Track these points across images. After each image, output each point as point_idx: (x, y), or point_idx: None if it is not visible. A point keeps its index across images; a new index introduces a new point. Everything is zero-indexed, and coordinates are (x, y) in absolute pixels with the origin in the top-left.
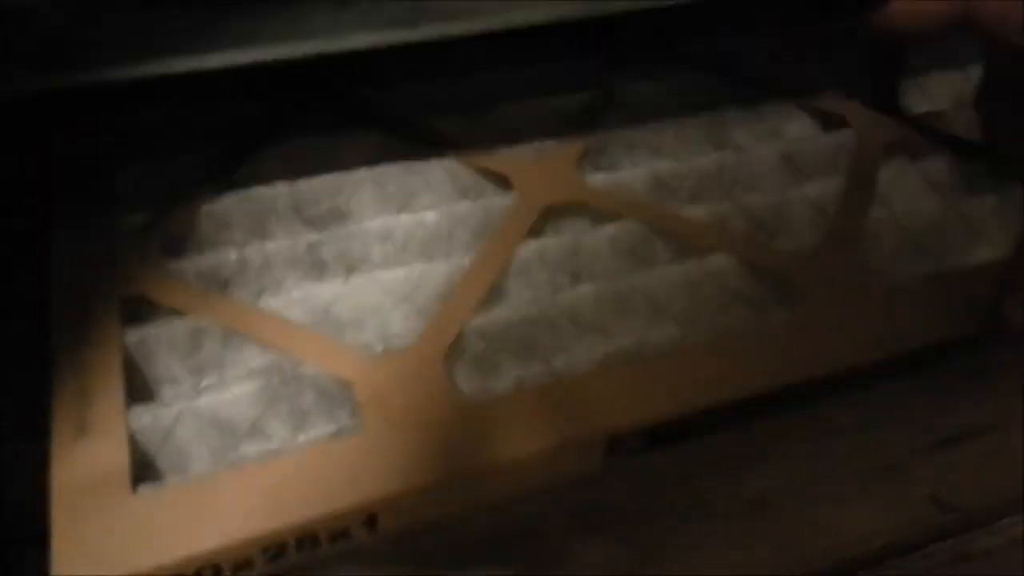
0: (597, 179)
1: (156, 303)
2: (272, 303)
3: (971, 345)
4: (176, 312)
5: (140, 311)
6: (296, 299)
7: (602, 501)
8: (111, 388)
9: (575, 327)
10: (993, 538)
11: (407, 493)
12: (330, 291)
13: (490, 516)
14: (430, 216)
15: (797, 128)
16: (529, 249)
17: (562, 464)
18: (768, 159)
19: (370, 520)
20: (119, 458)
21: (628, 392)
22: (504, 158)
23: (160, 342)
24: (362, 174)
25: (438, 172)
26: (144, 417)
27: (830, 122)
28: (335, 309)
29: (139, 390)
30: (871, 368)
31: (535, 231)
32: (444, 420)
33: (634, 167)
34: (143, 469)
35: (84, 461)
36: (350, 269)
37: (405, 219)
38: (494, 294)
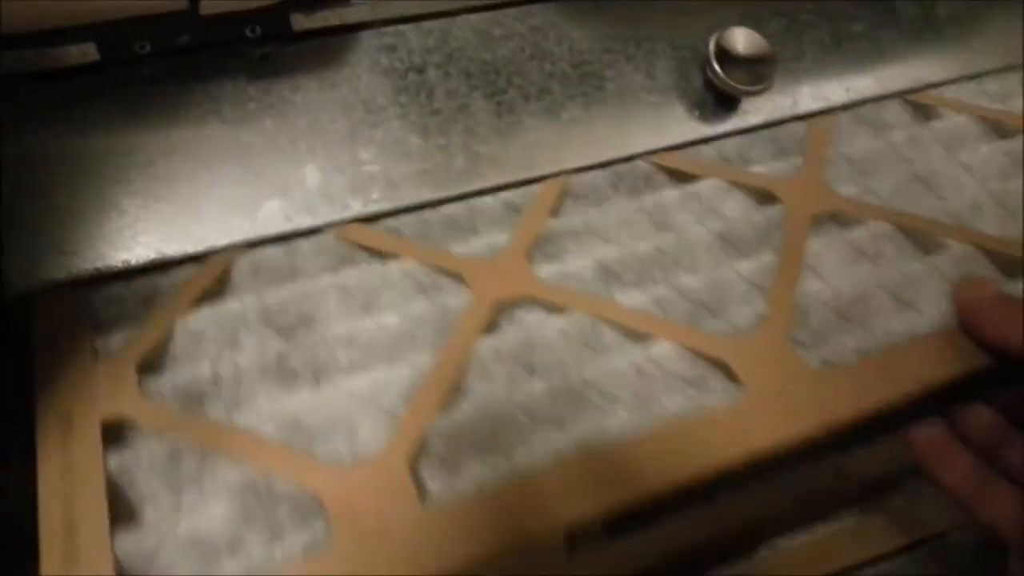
0: (547, 271)
1: (135, 425)
2: (246, 416)
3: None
4: (155, 432)
5: (121, 433)
6: (268, 412)
7: None
8: (96, 515)
9: (532, 421)
10: None
11: None
12: (300, 401)
13: None
14: (391, 319)
15: (732, 206)
16: (486, 346)
17: (527, 563)
18: (705, 239)
19: None
20: None
21: (584, 485)
22: (457, 255)
23: (140, 464)
24: (325, 280)
25: (396, 273)
26: (128, 542)
27: (764, 197)
28: (306, 420)
29: (123, 514)
30: (810, 444)
31: (491, 327)
32: (411, 529)
33: (581, 256)
34: None
35: None
36: (318, 377)
37: (368, 323)
38: (455, 393)
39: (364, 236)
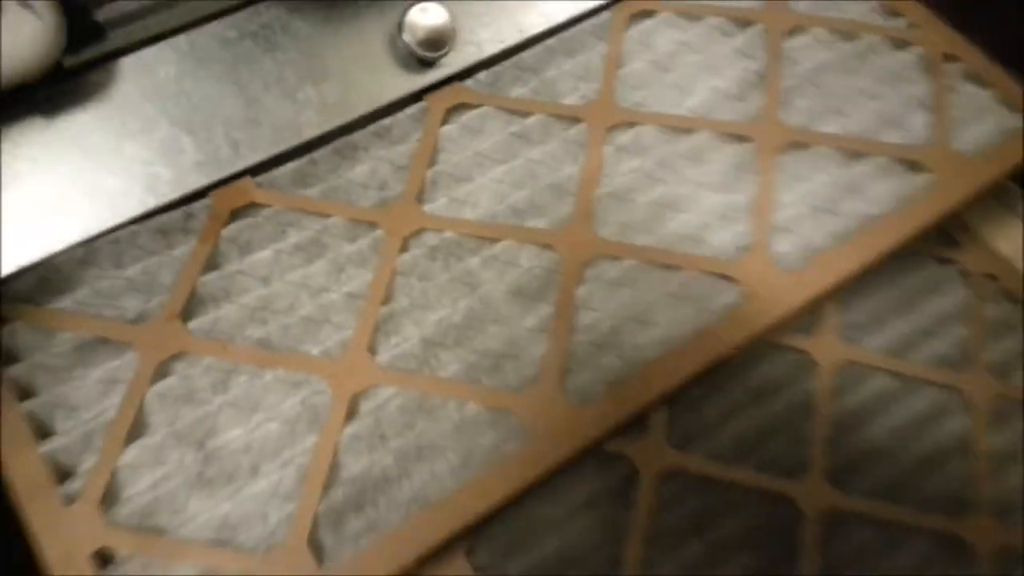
0: (385, 355)
1: (114, 553)
2: (188, 528)
3: None
4: (128, 555)
5: (108, 558)
6: (202, 520)
7: None
8: None
9: (390, 483)
10: None
11: None
12: (223, 506)
13: None
14: (273, 426)
15: (526, 256)
16: (348, 433)
17: None
18: (501, 292)
19: None
20: None
21: (432, 525)
22: (312, 356)
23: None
24: (218, 400)
25: (270, 381)
26: None
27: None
28: (230, 520)
29: None
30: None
31: (351, 414)
32: None
33: (408, 333)
34: None
35: None
36: (231, 482)
37: (257, 432)
38: (333, 476)
39: (238, 352)
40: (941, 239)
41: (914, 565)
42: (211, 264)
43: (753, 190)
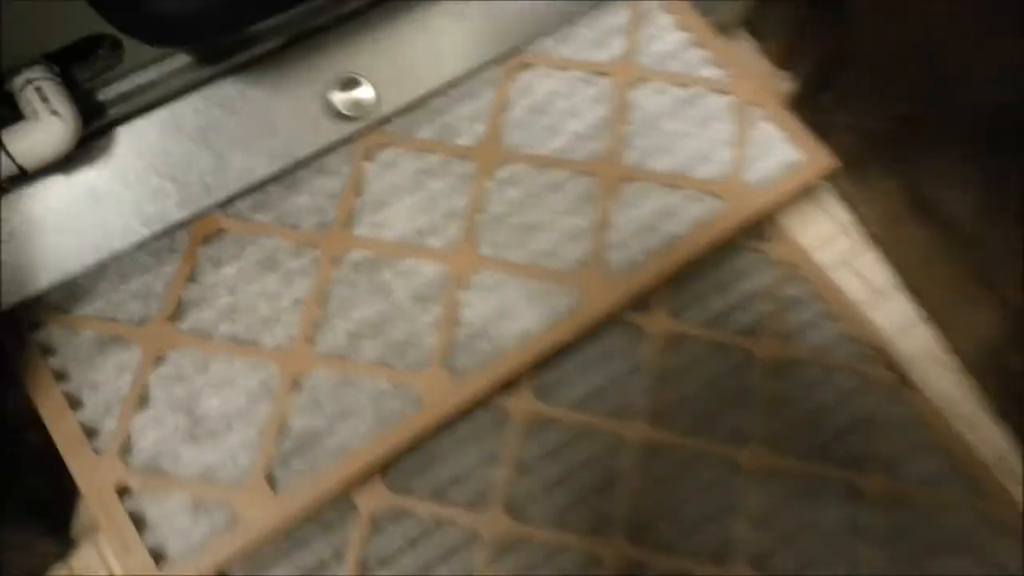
0: (321, 345)
1: (131, 488)
2: (182, 470)
3: None
4: (143, 491)
5: (126, 493)
6: (191, 465)
7: None
8: (125, 525)
9: (323, 436)
10: None
11: None
12: (206, 454)
13: None
14: (241, 398)
15: (426, 269)
16: (293, 402)
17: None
18: (406, 297)
19: None
20: None
21: (347, 471)
22: (267, 347)
23: (149, 502)
24: (200, 380)
25: (238, 365)
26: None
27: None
28: (211, 464)
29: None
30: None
31: (296, 388)
32: (270, 505)
33: (338, 328)
34: None
35: None
36: (212, 438)
37: (229, 403)
38: (283, 432)
39: (214, 344)
40: (754, 233)
41: (708, 480)
42: (192, 277)
43: (595, 215)
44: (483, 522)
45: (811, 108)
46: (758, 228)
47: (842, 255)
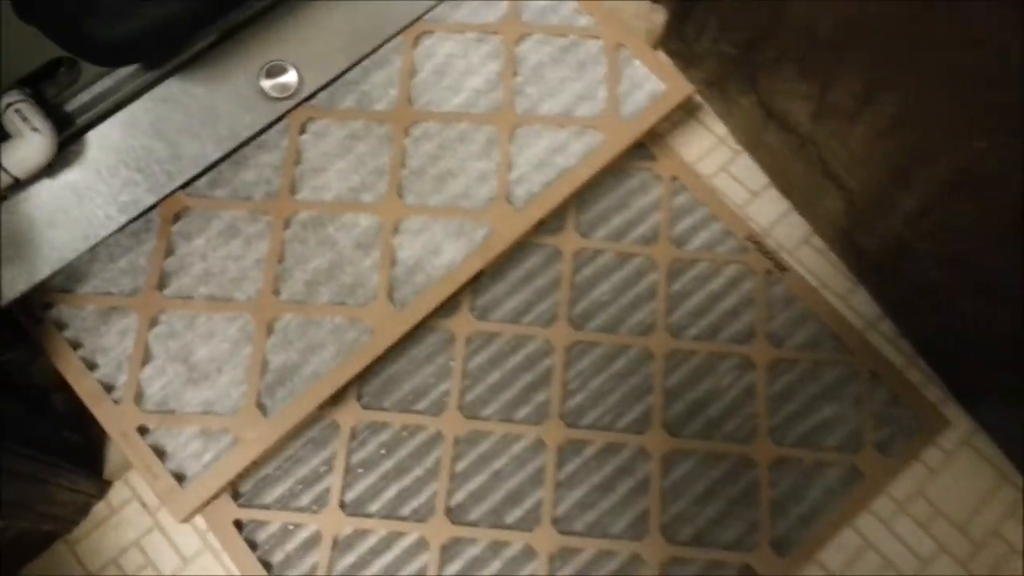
0: (284, 294)
1: (147, 425)
2: (187, 408)
3: None
4: (156, 426)
5: (142, 431)
6: (194, 403)
7: None
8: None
9: (298, 368)
10: None
11: None
12: (205, 393)
13: None
14: (225, 345)
15: (362, 220)
16: (269, 343)
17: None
18: (349, 246)
19: None
20: None
21: (322, 393)
22: (240, 301)
23: (163, 431)
24: (190, 334)
25: (218, 319)
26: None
27: None
28: (210, 400)
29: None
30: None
31: (269, 332)
32: (262, 425)
33: (296, 278)
34: None
35: None
36: (207, 379)
37: (216, 350)
38: (264, 368)
39: (196, 304)
40: (645, 155)
41: (626, 368)
42: (169, 251)
43: (498, 159)
44: (445, 423)
45: (679, 38)
46: (647, 150)
47: (721, 163)
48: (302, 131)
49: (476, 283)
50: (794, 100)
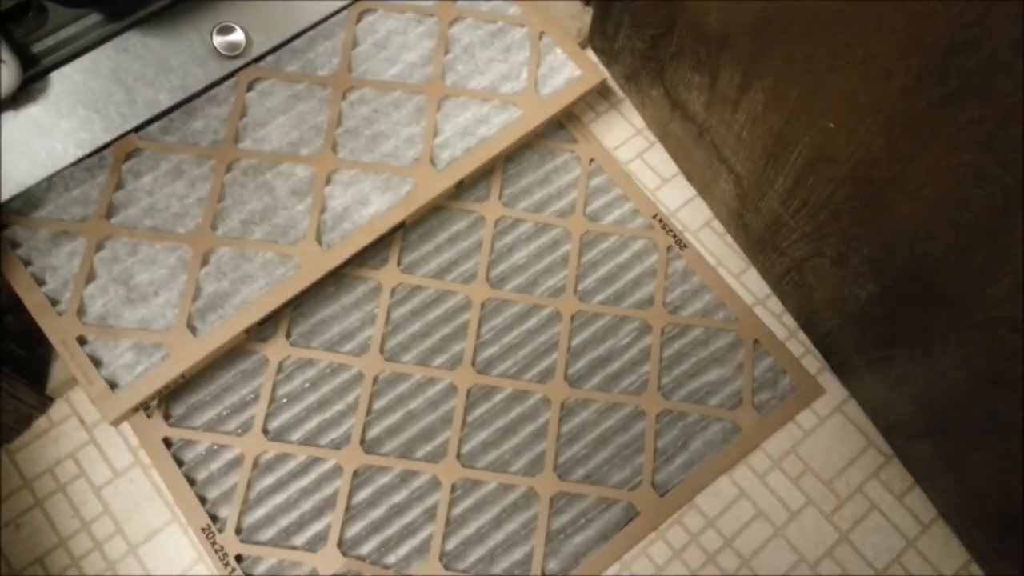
0: (220, 230)
1: (83, 338)
2: (124, 324)
3: None
4: (86, 339)
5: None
6: (131, 320)
7: None
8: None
9: (229, 296)
10: None
11: None
12: (141, 311)
13: None
14: (163, 271)
15: (298, 170)
16: (202, 272)
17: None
18: (285, 192)
19: None
20: None
21: (249, 318)
22: (180, 233)
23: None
24: (131, 260)
25: (159, 248)
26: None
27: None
28: (146, 318)
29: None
30: None
31: (204, 263)
32: (191, 344)
33: (233, 217)
34: None
35: None
36: (144, 300)
37: (155, 275)
38: (197, 293)
39: (140, 234)
40: (566, 136)
41: (536, 327)
42: (119, 186)
43: (426, 125)
44: (366, 364)
45: (602, 36)
46: (570, 134)
47: (637, 151)
48: (249, 89)
49: (405, 241)
50: (691, 91)
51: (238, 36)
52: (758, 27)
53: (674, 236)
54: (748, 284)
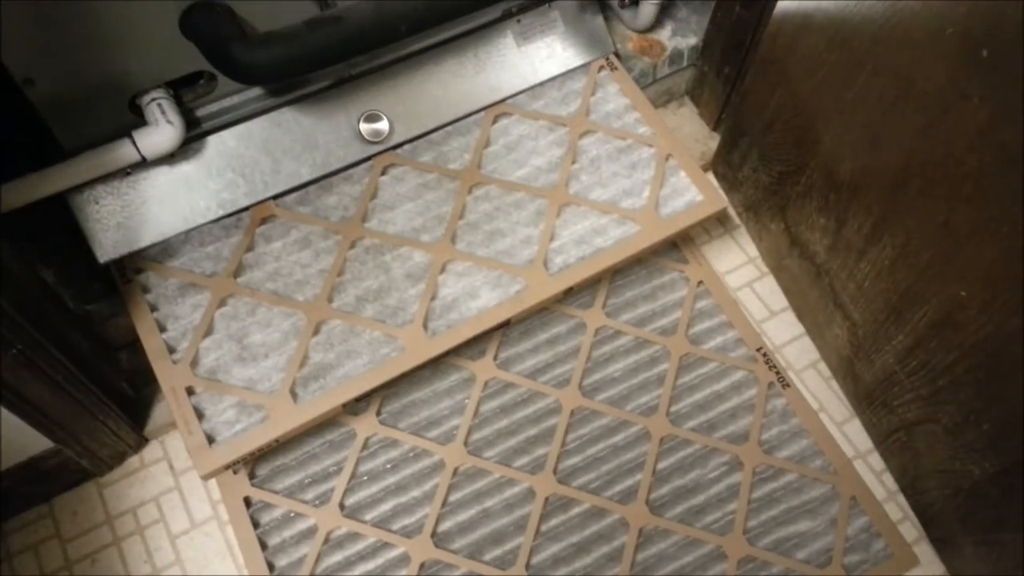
0: (336, 303)
1: (195, 388)
2: (232, 380)
3: None
4: (194, 390)
5: (197, 389)
6: (239, 377)
7: None
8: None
9: (333, 368)
10: None
11: None
12: (249, 371)
13: None
14: (276, 334)
15: (416, 256)
16: (313, 341)
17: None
18: (400, 275)
19: None
20: None
21: (349, 392)
22: (298, 301)
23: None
24: (249, 319)
25: (276, 312)
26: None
27: None
28: (253, 379)
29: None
30: None
31: (316, 332)
32: (292, 411)
33: (349, 292)
34: None
35: None
36: (254, 360)
37: (268, 337)
38: (304, 361)
39: (261, 296)
40: (677, 255)
41: (623, 443)
42: (249, 247)
43: (544, 228)
44: (449, 454)
45: (727, 164)
46: (682, 254)
47: (747, 280)
48: (383, 173)
49: (505, 336)
50: (814, 232)
51: (383, 124)
52: (895, 183)
53: (777, 372)
54: (850, 435)
